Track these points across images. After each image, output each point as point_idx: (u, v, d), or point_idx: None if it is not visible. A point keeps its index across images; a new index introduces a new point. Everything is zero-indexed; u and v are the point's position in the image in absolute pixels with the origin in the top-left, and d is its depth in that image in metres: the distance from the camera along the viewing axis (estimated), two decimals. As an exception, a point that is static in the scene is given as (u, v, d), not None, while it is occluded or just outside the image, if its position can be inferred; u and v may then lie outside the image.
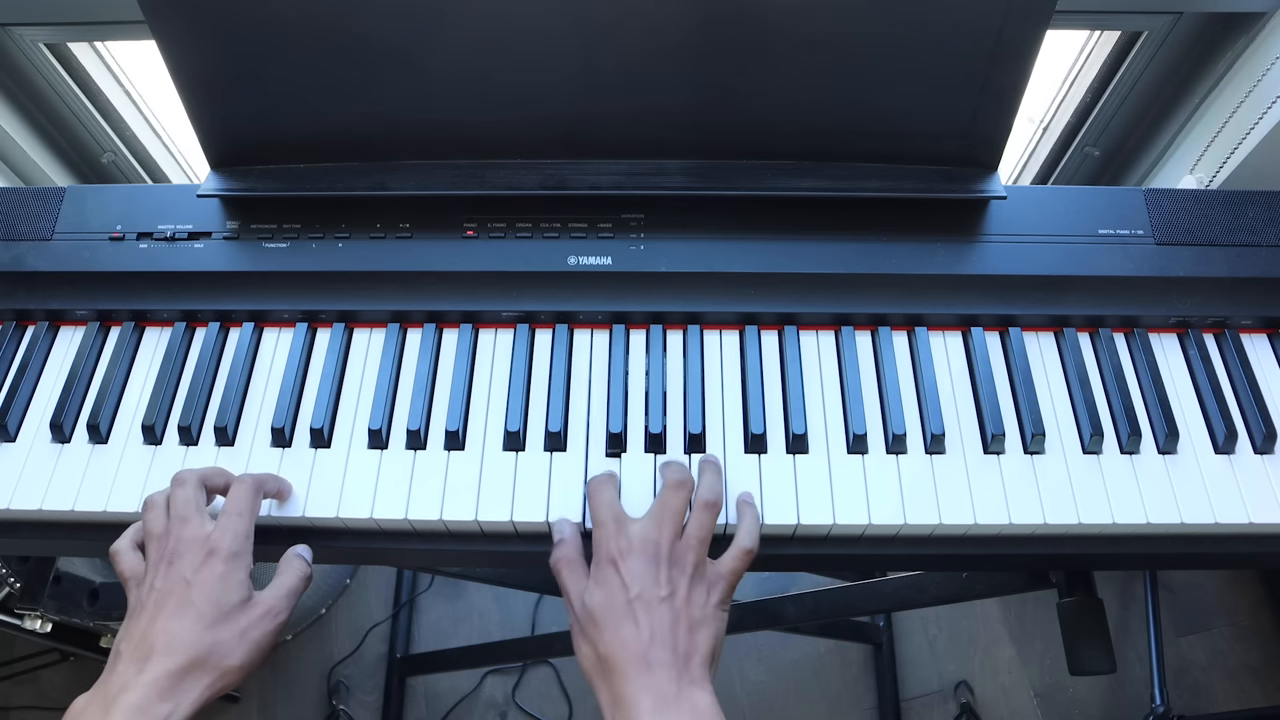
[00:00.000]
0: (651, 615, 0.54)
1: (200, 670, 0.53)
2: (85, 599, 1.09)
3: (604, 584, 0.56)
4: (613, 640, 0.54)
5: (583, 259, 0.71)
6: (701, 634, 0.55)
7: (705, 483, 0.61)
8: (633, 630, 0.54)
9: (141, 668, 0.52)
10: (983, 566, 0.85)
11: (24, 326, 0.74)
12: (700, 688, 0.53)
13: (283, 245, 0.72)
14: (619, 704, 0.52)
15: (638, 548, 0.57)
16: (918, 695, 1.50)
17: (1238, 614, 1.55)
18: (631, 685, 0.52)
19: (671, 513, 0.58)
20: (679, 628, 0.54)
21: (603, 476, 0.61)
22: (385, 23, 0.64)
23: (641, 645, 0.53)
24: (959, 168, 0.73)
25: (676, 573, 0.56)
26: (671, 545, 0.57)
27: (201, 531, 0.57)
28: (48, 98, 0.97)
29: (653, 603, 0.55)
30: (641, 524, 0.58)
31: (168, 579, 0.55)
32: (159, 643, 0.53)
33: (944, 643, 1.54)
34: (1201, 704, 1.48)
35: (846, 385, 0.68)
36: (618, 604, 0.55)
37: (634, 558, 0.56)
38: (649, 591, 0.55)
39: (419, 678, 1.51)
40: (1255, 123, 0.80)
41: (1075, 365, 0.69)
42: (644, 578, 0.55)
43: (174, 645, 0.53)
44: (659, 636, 0.54)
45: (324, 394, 0.68)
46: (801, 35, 0.65)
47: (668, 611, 0.55)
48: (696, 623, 0.55)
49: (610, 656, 0.54)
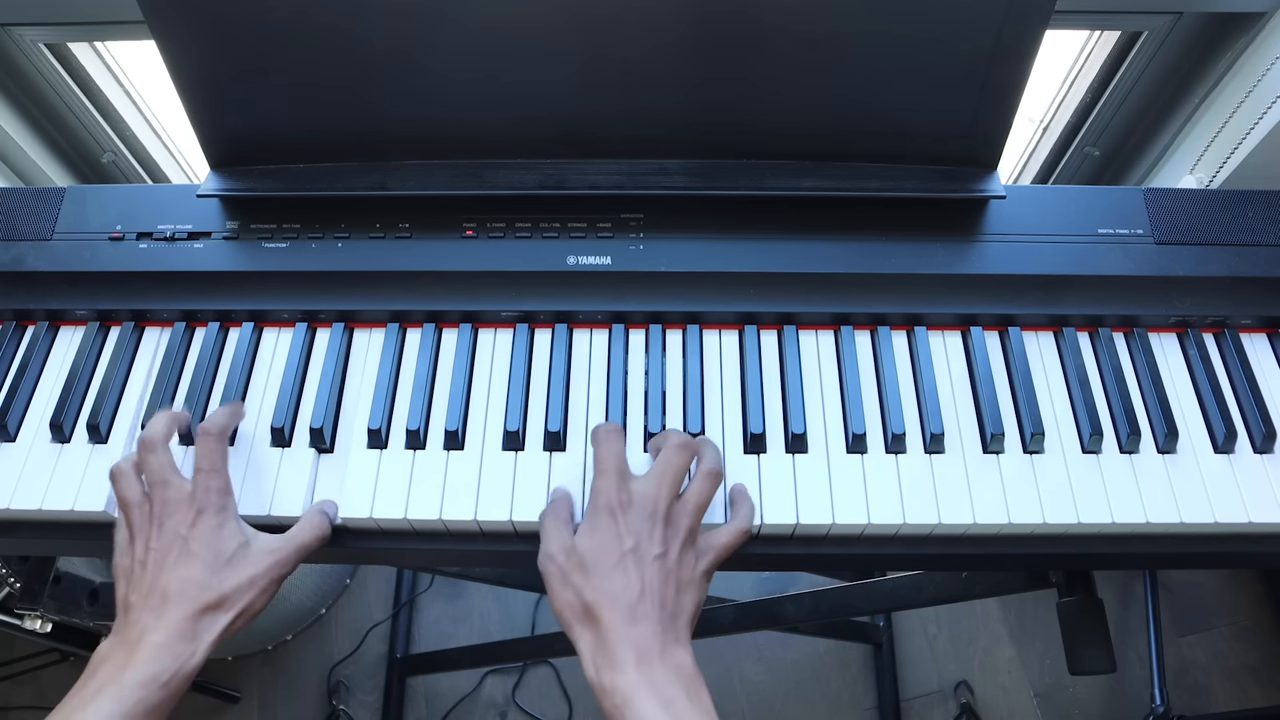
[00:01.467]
0: (643, 569, 0.55)
1: (216, 610, 0.55)
2: (85, 599, 1.09)
3: (599, 531, 0.57)
4: (602, 586, 0.54)
5: (582, 259, 0.71)
6: (688, 596, 0.56)
7: (708, 453, 0.61)
8: (624, 580, 0.54)
9: (159, 613, 0.54)
10: (982, 566, 0.85)
11: (24, 326, 0.74)
12: (683, 647, 0.54)
13: (282, 245, 0.72)
14: (602, 650, 0.53)
15: (638, 502, 0.57)
16: (918, 695, 1.50)
17: (1238, 614, 1.55)
18: (616, 634, 0.53)
19: (674, 472, 0.59)
20: (668, 586, 0.55)
21: (612, 426, 0.62)
22: (384, 22, 0.64)
23: (631, 597, 0.54)
24: (959, 167, 0.73)
25: (671, 533, 0.57)
26: (670, 505, 0.58)
27: (184, 491, 0.58)
28: (48, 98, 0.97)
29: (646, 558, 0.55)
30: (643, 480, 0.59)
31: (162, 538, 0.57)
32: (172, 589, 0.55)
33: (944, 643, 1.54)
34: (1201, 704, 1.48)
35: (846, 385, 0.68)
36: (612, 553, 0.55)
37: (633, 511, 0.57)
38: (644, 546, 0.56)
39: (419, 678, 1.51)
40: (1255, 123, 0.80)
41: (1075, 365, 0.69)
42: (640, 532, 0.56)
43: (187, 590, 0.55)
44: (649, 591, 0.54)
45: (324, 394, 0.68)
46: (801, 34, 0.65)
47: (659, 569, 0.55)
48: (684, 584, 0.56)
49: (597, 603, 0.54)
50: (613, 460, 0.59)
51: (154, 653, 0.52)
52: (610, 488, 0.58)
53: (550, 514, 0.60)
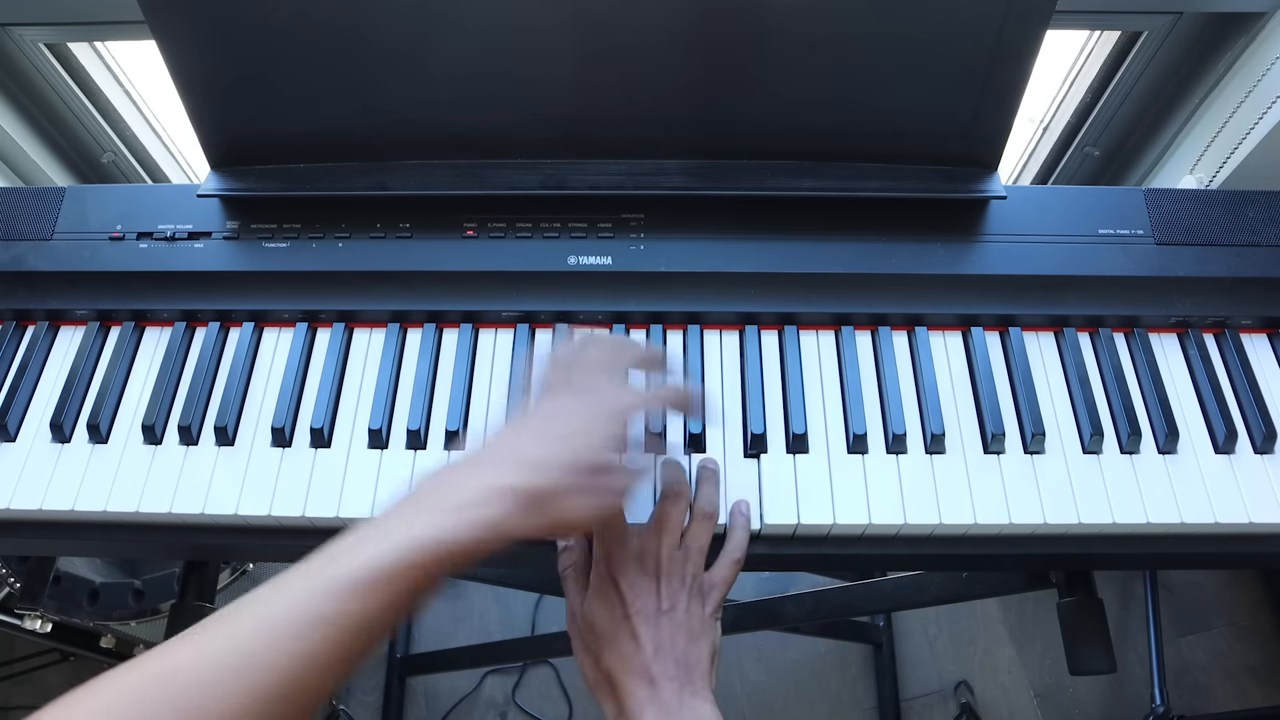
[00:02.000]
0: (652, 630, 0.54)
1: (539, 508, 0.47)
2: (85, 599, 1.09)
3: (603, 597, 0.56)
4: (613, 655, 0.54)
5: (583, 259, 0.71)
6: (701, 644, 0.55)
7: (703, 493, 0.61)
8: (633, 645, 0.54)
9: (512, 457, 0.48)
10: (983, 566, 0.85)
11: (24, 326, 0.73)
12: (702, 698, 0.53)
13: (283, 245, 0.72)
14: (624, 717, 0.53)
15: (636, 561, 0.57)
16: (918, 695, 1.50)
17: (1238, 614, 1.55)
18: (635, 699, 0.52)
19: (670, 524, 0.59)
20: (679, 640, 0.54)
21: None
22: (384, 22, 0.64)
23: (643, 660, 0.53)
24: (959, 167, 0.73)
25: (676, 584, 0.56)
26: (670, 557, 0.57)
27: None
28: (48, 98, 0.97)
29: (652, 617, 0.55)
30: (641, 537, 0.58)
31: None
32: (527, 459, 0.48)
33: (944, 643, 1.54)
34: (1201, 704, 1.48)
35: (846, 385, 0.68)
36: (617, 619, 0.55)
37: (633, 572, 0.56)
38: (649, 606, 0.55)
39: (419, 678, 1.51)
40: (1255, 123, 0.80)
41: (1075, 365, 0.69)
42: (644, 592, 0.55)
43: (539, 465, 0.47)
44: (661, 650, 0.54)
45: (324, 394, 0.68)
46: (802, 35, 0.65)
47: (668, 625, 0.55)
48: (696, 634, 0.55)
49: (612, 671, 0.54)
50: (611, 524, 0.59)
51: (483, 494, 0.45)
52: (609, 552, 0.57)
53: (569, 575, 0.59)
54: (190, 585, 0.79)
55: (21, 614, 1.08)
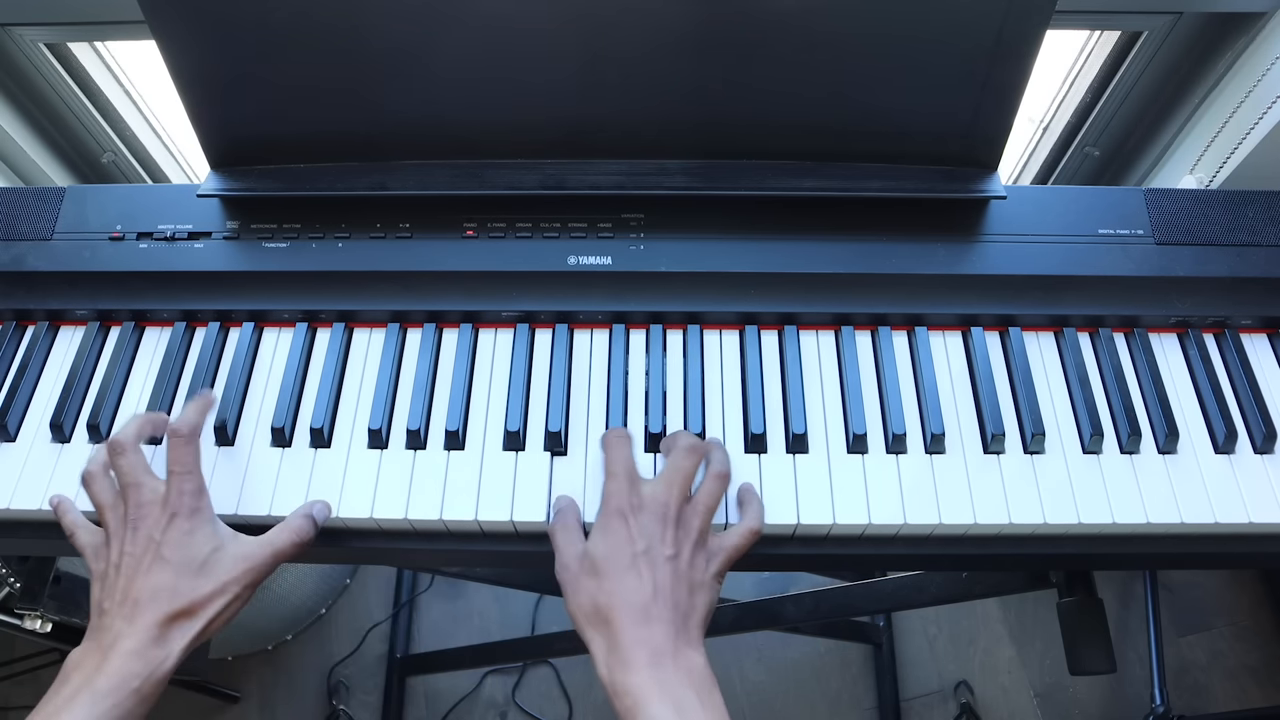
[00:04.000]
0: (655, 571, 0.55)
1: (186, 618, 0.55)
2: (85, 599, 1.09)
3: (611, 534, 0.57)
4: (615, 589, 0.55)
5: (583, 259, 0.71)
6: (700, 597, 0.56)
7: (717, 456, 0.62)
8: (636, 582, 0.54)
9: (131, 619, 0.54)
10: (983, 566, 0.85)
11: (24, 326, 0.73)
12: (695, 648, 0.54)
13: (283, 245, 0.72)
14: (614, 652, 0.53)
15: (648, 505, 0.57)
16: (918, 695, 1.50)
17: (1238, 614, 1.55)
18: (628, 635, 0.53)
19: (683, 476, 0.59)
20: (680, 587, 0.55)
21: (620, 431, 0.62)
22: (385, 22, 0.64)
23: (643, 598, 0.54)
24: (959, 167, 0.73)
25: (682, 535, 0.57)
26: (680, 508, 0.58)
27: (157, 494, 0.58)
28: (48, 98, 0.97)
29: (658, 560, 0.55)
30: (653, 484, 0.59)
31: (134, 542, 0.57)
32: (143, 597, 0.54)
33: (944, 643, 1.54)
34: (1201, 704, 1.48)
35: (846, 385, 0.68)
36: (624, 555, 0.55)
37: (644, 514, 0.57)
38: (655, 548, 0.56)
39: (419, 678, 1.51)
40: (1255, 123, 0.80)
41: (1075, 365, 0.69)
42: (652, 534, 0.56)
43: (158, 596, 0.54)
44: (661, 592, 0.54)
45: (324, 394, 0.68)
46: (802, 34, 0.65)
47: (671, 570, 0.55)
48: (696, 585, 0.56)
49: (609, 606, 0.54)
50: (622, 464, 0.60)
51: (126, 659, 0.52)
52: (621, 491, 0.58)
53: (559, 524, 0.60)
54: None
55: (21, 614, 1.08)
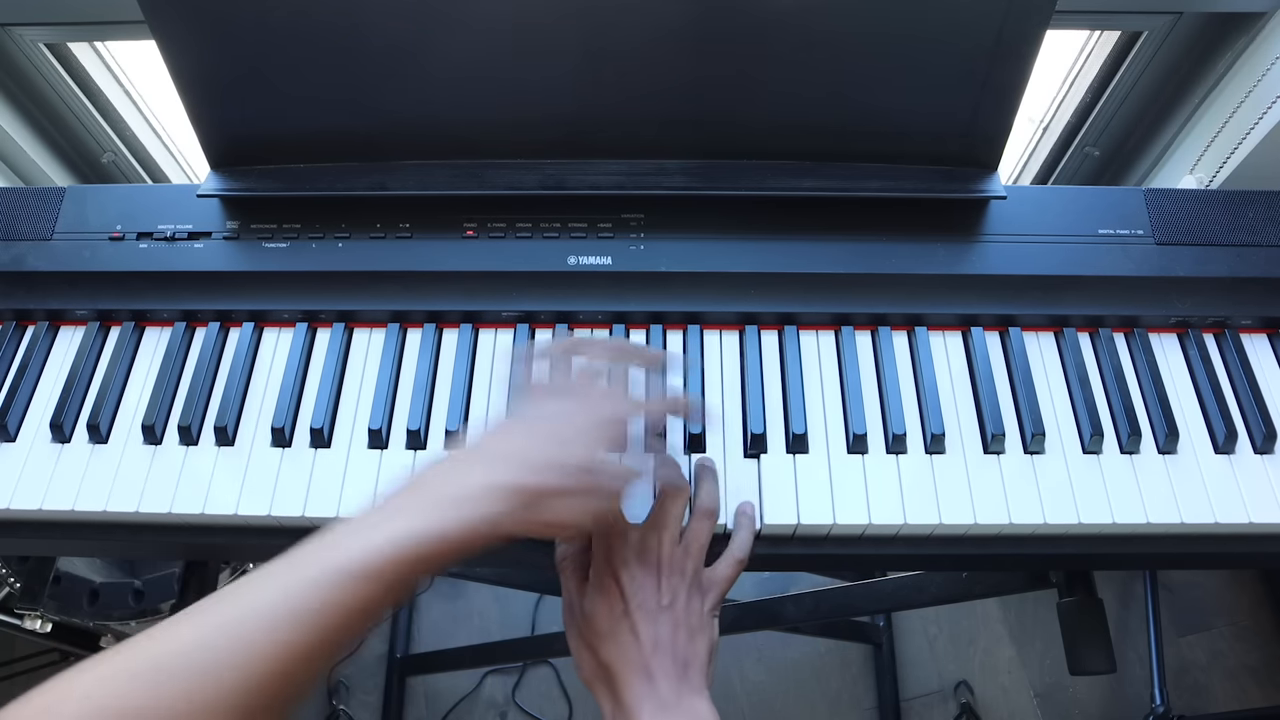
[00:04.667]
0: (651, 625, 0.54)
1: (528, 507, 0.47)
2: (85, 599, 1.09)
3: (604, 592, 0.56)
4: (613, 649, 0.54)
5: (583, 259, 0.71)
6: (699, 641, 0.56)
7: (703, 490, 0.61)
8: (632, 640, 0.54)
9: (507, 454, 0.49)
10: (983, 566, 0.85)
11: (24, 326, 0.73)
12: (699, 695, 0.53)
13: (283, 245, 0.72)
14: (619, 711, 0.53)
15: (637, 557, 0.57)
16: (918, 695, 1.50)
17: (1238, 614, 1.55)
18: (632, 693, 0.52)
19: (670, 520, 0.59)
20: (678, 636, 0.55)
21: None
22: (384, 22, 0.64)
23: (643, 655, 0.53)
24: (959, 167, 0.73)
25: (676, 580, 0.57)
26: (670, 553, 0.57)
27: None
28: (48, 98, 0.97)
29: (652, 612, 0.55)
30: (641, 532, 0.58)
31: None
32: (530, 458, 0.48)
33: (944, 643, 1.54)
34: (1201, 704, 1.48)
35: (846, 385, 0.68)
36: (617, 614, 0.55)
37: (634, 567, 0.56)
38: (649, 601, 0.55)
39: (419, 678, 1.51)
40: (1255, 123, 0.80)
41: (1075, 365, 0.69)
42: (644, 587, 0.56)
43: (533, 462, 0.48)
44: (660, 646, 0.54)
45: (324, 394, 0.68)
46: (801, 34, 0.65)
47: (668, 620, 0.55)
48: (694, 630, 0.56)
49: (610, 664, 0.54)
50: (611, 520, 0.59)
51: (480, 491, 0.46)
52: (609, 547, 0.58)
53: (567, 567, 0.59)
54: (190, 585, 0.80)
55: (21, 614, 1.08)
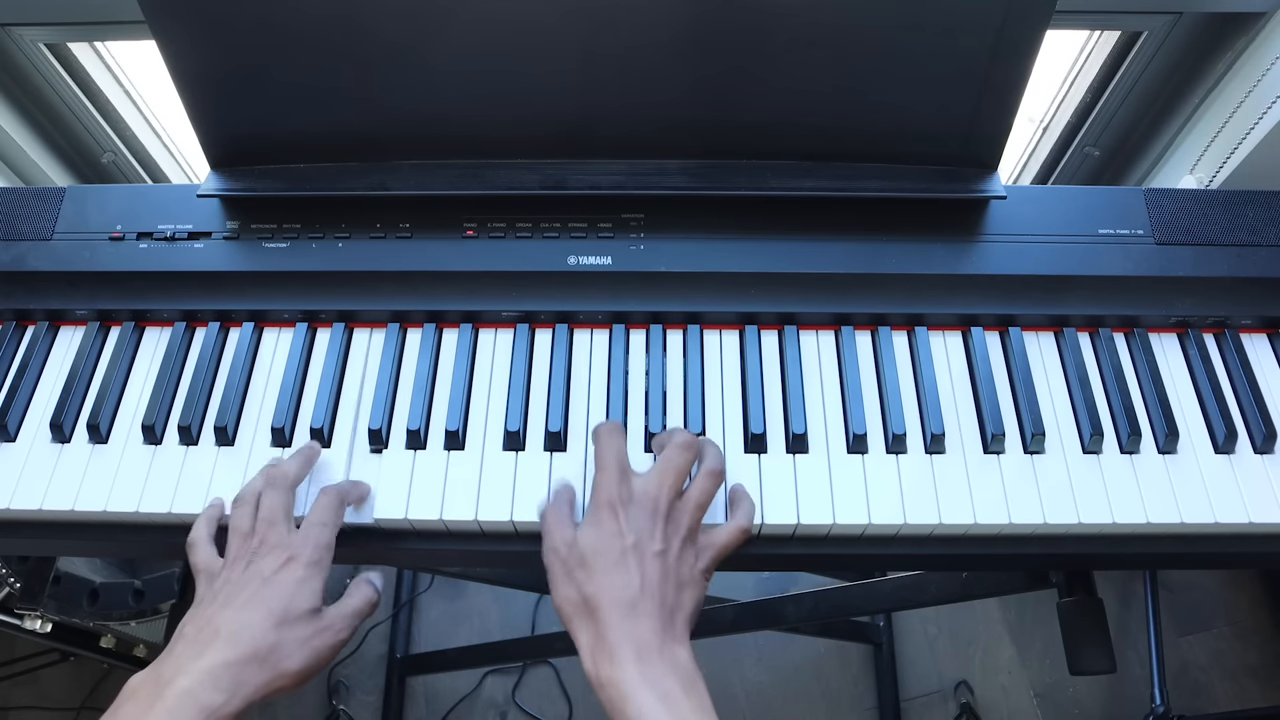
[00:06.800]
0: (644, 565, 0.55)
1: (258, 665, 0.52)
2: (85, 599, 1.09)
3: (600, 526, 0.57)
4: (602, 582, 0.54)
5: (583, 259, 0.71)
6: (687, 593, 0.56)
7: (710, 454, 0.62)
8: (624, 576, 0.54)
9: (200, 653, 0.52)
10: (983, 566, 0.85)
11: (24, 326, 0.73)
12: (681, 644, 0.54)
13: (283, 245, 0.72)
14: (600, 645, 0.53)
15: (639, 499, 0.57)
16: (918, 695, 1.50)
17: (1238, 614, 1.55)
18: (615, 630, 0.53)
19: (675, 471, 0.59)
20: (668, 583, 0.55)
21: (613, 424, 0.62)
22: (384, 22, 0.64)
23: (631, 592, 0.54)
24: (959, 167, 0.73)
25: (671, 530, 0.57)
26: (671, 503, 0.58)
27: (287, 537, 0.58)
28: (48, 98, 0.97)
29: (647, 554, 0.55)
30: (645, 478, 0.59)
31: (245, 574, 0.56)
32: (224, 630, 0.53)
33: (944, 643, 1.54)
34: (1201, 704, 1.48)
35: (846, 385, 0.68)
36: (612, 548, 0.55)
37: (634, 507, 0.57)
38: (645, 543, 0.56)
39: (419, 678, 1.51)
40: (1255, 123, 0.80)
41: (1075, 365, 0.69)
42: (641, 529, 0.56)
43: (238, 635, 0.52)
44: (648, 587, 0.54)
45: (324, 394, 0.68)
46: (801, 34, 0.65)
47: (659, 565, 0.55)
48: (684, 582, 0.56)
49: (596, 598, 0.54)
50: (614, 457, 0.59)
51: (180, 698, 0.49)
52: (611, 484, 0.58)
53: (552, 509, 0.60)
54: (190, 585, 0.79)
55: (21, 614, 1.08)
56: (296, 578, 0.56)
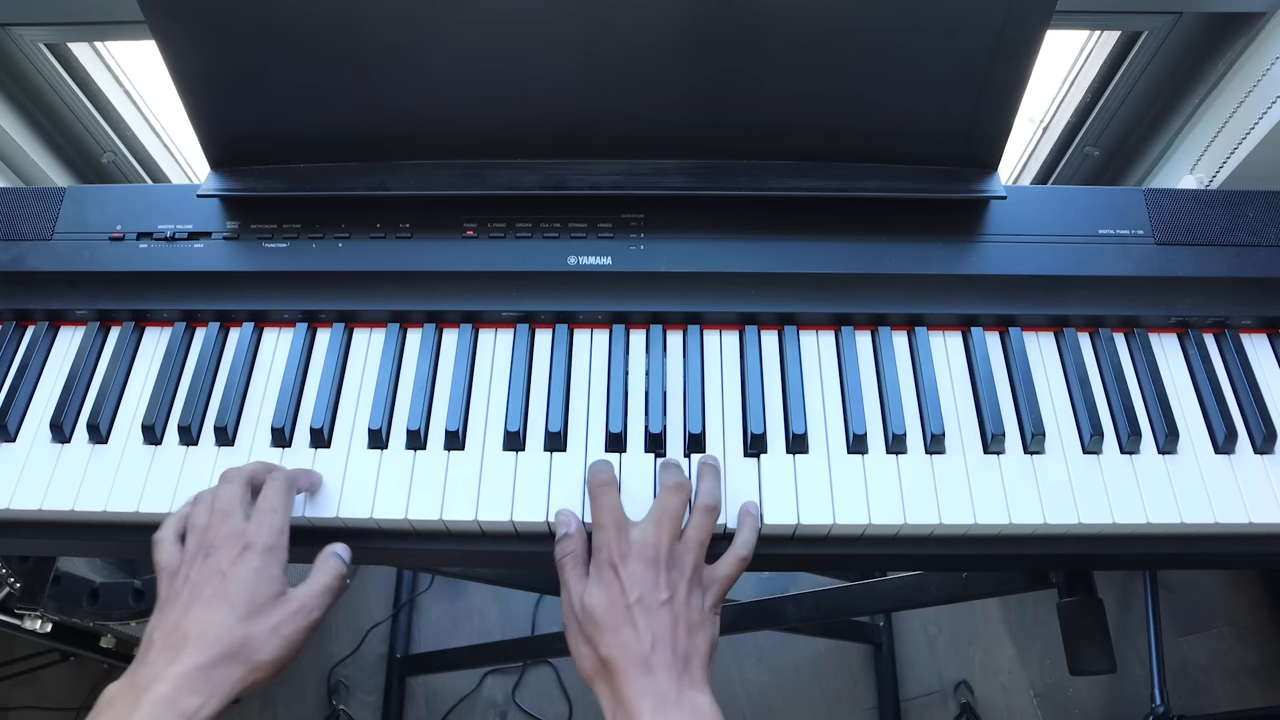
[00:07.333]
0: (652, 619, 0.54)
1: (232, 663, 0.52)
2: (85, 599, 1.09)
3: (605, 586, 0.56)
4: (613, 643, 0.54)
5: (583, 259, 0.71)
6: (700, 636, 0.56)
7: (704, 487, 0.61)
8: (633, 634, 0.54)
9: (173, 658, 0.51)
10: (983, 566, 0.85)
11: (24, 326, 0.73)
12: (700, 690, 0.53)
13: (283, 245, 0.72)
14: (621, 706, 0.53)
15: (637, 551, 0.57)
16: (918, 695, 1.50)
17: (1238, 614, 1.55)
18: (633, 688, 0.52)
19: (671, 515, 0.59)
20: (678, 631, 0.55)
21: (604, 478, 0.61)
22: (384, 22, 0.64)
23: (643, 649, 0.53)
24: (959, 167, 0.73)
25: (676, 575, 0.57)
26: (670, 548, 0.57)
27: (239, 526, 0.57)
28: (48, 98, 0.97)
29: (653, 607, 0.55)
30: (641, 527, 0.58)
31: (203, 571, 0.55)
32: (192, 632, 0.52)
33: (944, 643, 1.54)
34: (1201, 704, 1.48)
35: (846, 385, 0.68)
36: (618, 608, 0.55)
37: (634, 561, 0.56)
38: (649, 596, 0.55)
39: (419, 678, 1.51)
40: (1255, 123, 0.80)
41: (1075, 365, 0.69)
42: (644, 582, 0.56)
43: (207, 636, 0.52)
44: (660, 640, 0.54)
45: (324, 394, 0.68)
46: (801, 34, 0.65)
47: (668, 615, 0.55)
48: (695, 624, 0.56)
49: (611, 659, 0.54)
50: (607, 513, 0.59)
51: (158, 705, 0.49)
52: (609, 541, 0.58)
53: (568, 560, 0.59)
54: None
55: (21, 614, 1.08)
56: (253, 567, 0.55)
